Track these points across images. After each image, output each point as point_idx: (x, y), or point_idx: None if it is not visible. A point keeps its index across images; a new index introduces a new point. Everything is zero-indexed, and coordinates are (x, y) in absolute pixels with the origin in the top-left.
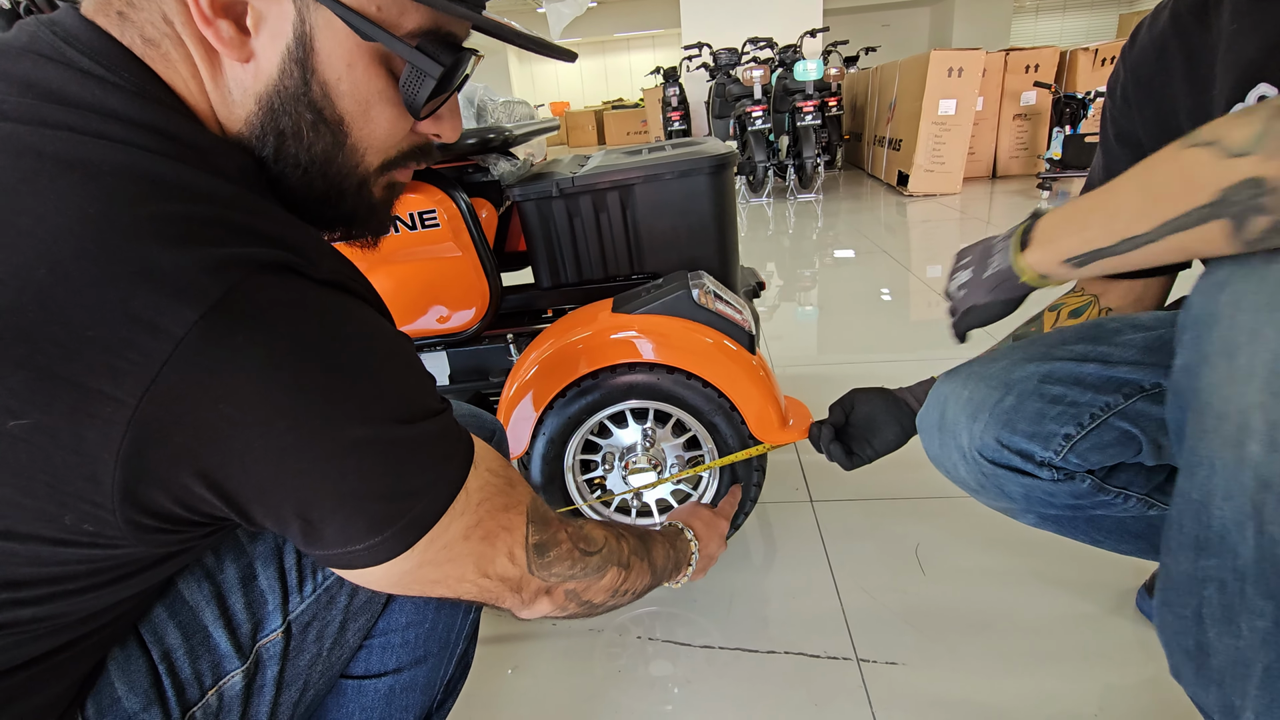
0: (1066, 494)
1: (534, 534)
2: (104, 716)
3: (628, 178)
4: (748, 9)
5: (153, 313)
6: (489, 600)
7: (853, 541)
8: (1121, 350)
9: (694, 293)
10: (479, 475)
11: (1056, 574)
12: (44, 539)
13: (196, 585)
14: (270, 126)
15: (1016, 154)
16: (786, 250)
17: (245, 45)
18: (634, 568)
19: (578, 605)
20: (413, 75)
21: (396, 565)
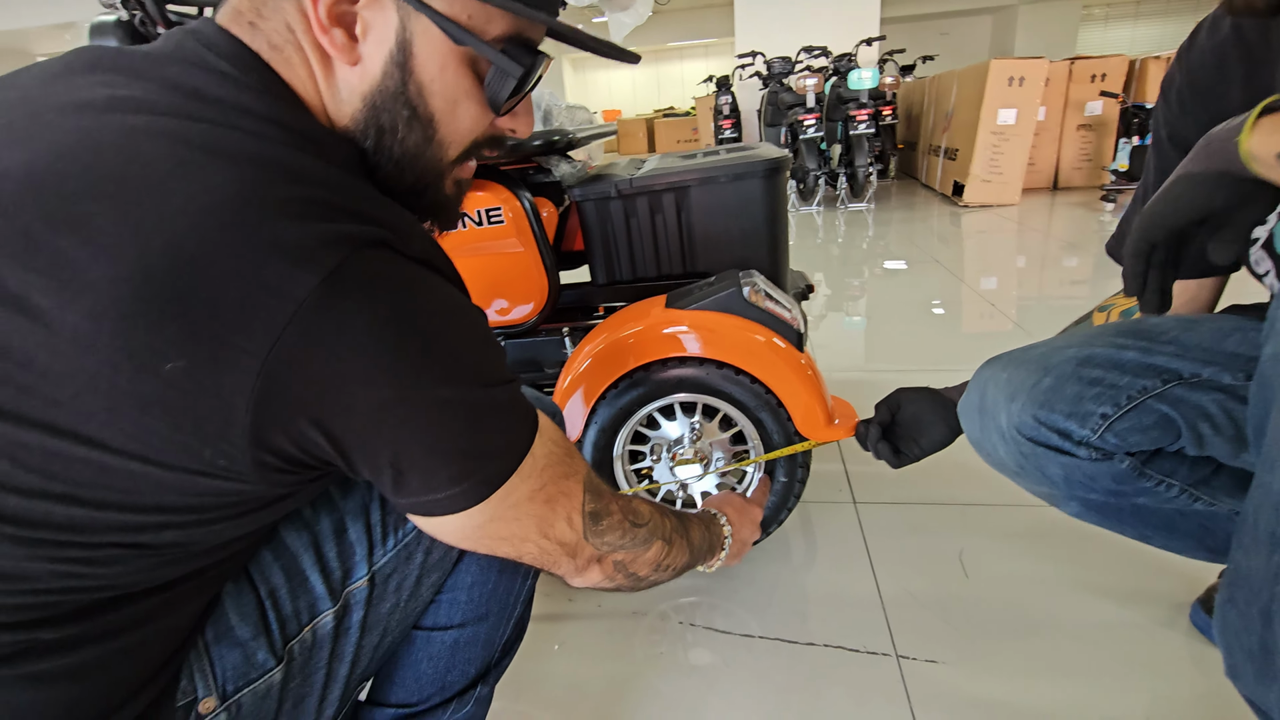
0: (1106, 475)
1: (589, 502)
2: (220, 641)
3: (683, 180)
4: (803, 18)
5: (279, 279)
6: (546, 563)
7: (896, 543)
8: (1162, 343)
9: (745, 290)
10: (543, 443)
11: (1105, 584)
12: (188, 470)
13: (296, 534)
14: (372, 122)
15: (1080, 165)
16: (835, 259)
17: (354, 50)
18: (675, 544)
19: (624, 576)
20: (496, 75)
21: (469, 518)
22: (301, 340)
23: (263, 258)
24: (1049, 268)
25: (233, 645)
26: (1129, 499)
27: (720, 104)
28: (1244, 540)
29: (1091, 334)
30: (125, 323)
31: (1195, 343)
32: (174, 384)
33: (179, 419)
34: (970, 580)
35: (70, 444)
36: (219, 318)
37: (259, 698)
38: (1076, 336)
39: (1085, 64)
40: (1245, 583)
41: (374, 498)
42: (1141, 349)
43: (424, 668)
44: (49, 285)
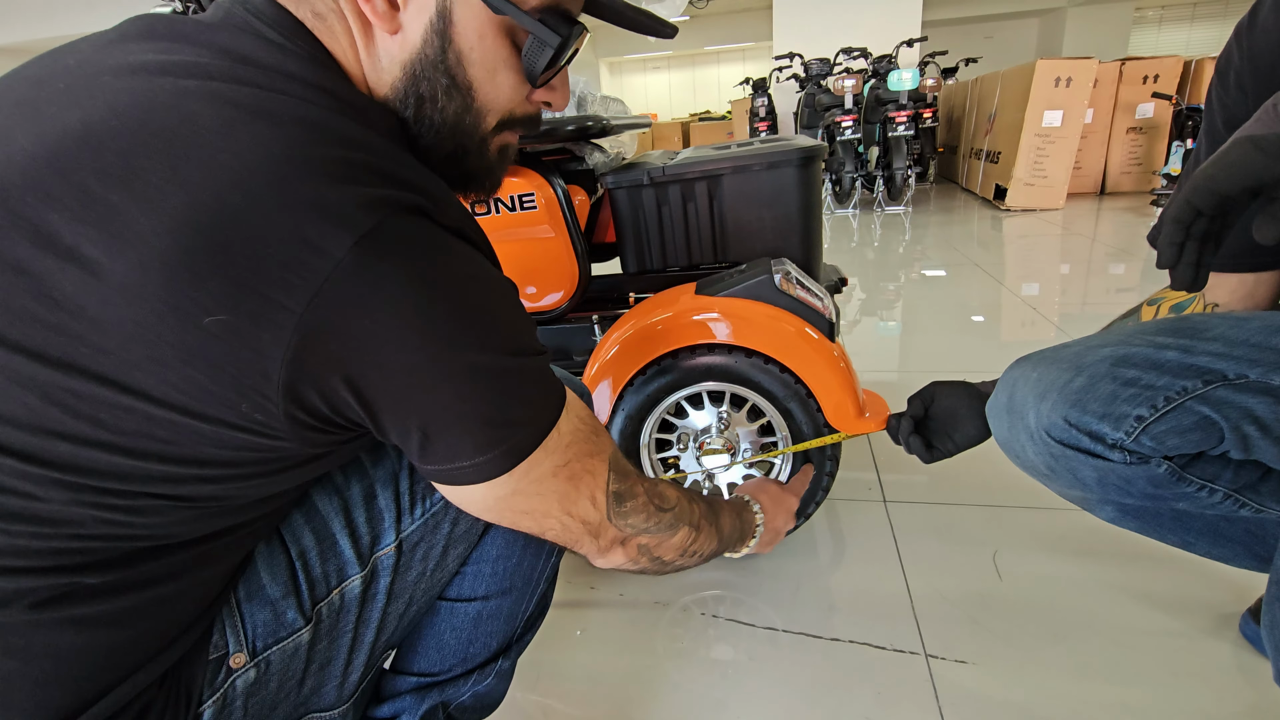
0: (1143, 479)
1: (614, 482)
2: (252, 599)
3: (717, 168)
4: (842, 20)
5: (319, 237)
6: (569, 541)
7: (927, 543)
8: (1206, 342)
9: (776, 278)
10: (570, 419)
11: (1147, 589)
12: (226, 423)
13: (328, 498)
14: (412, 90)
15: (1129, 169)
16: (871, 263)
17: (395, 18)
18: (703, 530)
19: (649, 560)
20: (534, 45)
21: (493, 488)
22: (337, 298)
23: (304, 215)
24: (1094, 274)
25: (264, 604)
26: (1168, 504)
27: (756, 106)
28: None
29: (1130, 332)
30: (170, 274)
31: (1243, 339)
32: (215, 336)
33: (218, 372)
34: (1004, 582)
35: (116, 393)
36: (260, 273)
37: (287, 656)
38: (1113, 335)
39: (1137, 65)
40: None
41: (403, 466)
42: (1183, 348)
43: (447, 638)
44: (99, 236)
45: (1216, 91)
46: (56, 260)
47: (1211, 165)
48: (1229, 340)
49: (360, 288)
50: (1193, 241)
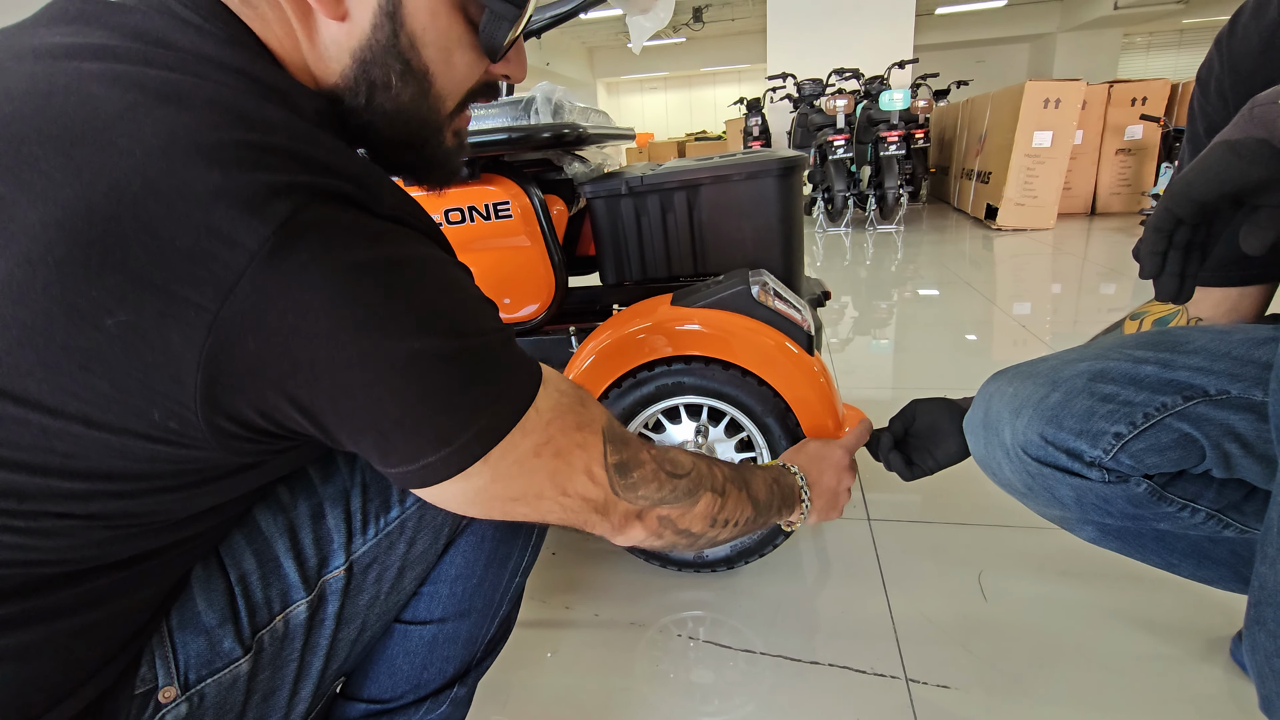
0: (1122, 499)
1: (612, 453)
2: (185, 628)
3: (695, 178)
4: (835, 42)
5: (230, 227)
6: (577, 523)
7: (910, 563)
8: (1187, 356)
9: (753, 289)
10: (548, 394)
11: (1136, 612)
12: (135, 433)
13: (272, 517)
14: (363, 78)
15: (1118, 190)
16: (863, 281)
17: (340, 4)
18: (730, 495)
19: (675, 533)
20: (491, 19)
21: (468, 481)
22: (254, 294)
23: (212, 204)
24: (1085, 294)
25: (198, 632)
26: (1150, 524)
27: (750, 125)
28: (1269, 553)
29: (1108, 345)
30: (62, 270)
31: (1224, 352)
32: (117, 339)
33: (123, 377)
34: (989, 604)
35: (6, 404)
36: (165, 267)
37: (224, 689)
38: (1091, 348)
39: (1125, 87)
40: (1273, 599)
41: (355, 483)
42: (1162, 362)
43: (400, 663)
44: None
45: (1198, 100)
46: None
47: (1189, 171)
48: (1210, 354)
49: (279, 280)
50: (1176, 251)
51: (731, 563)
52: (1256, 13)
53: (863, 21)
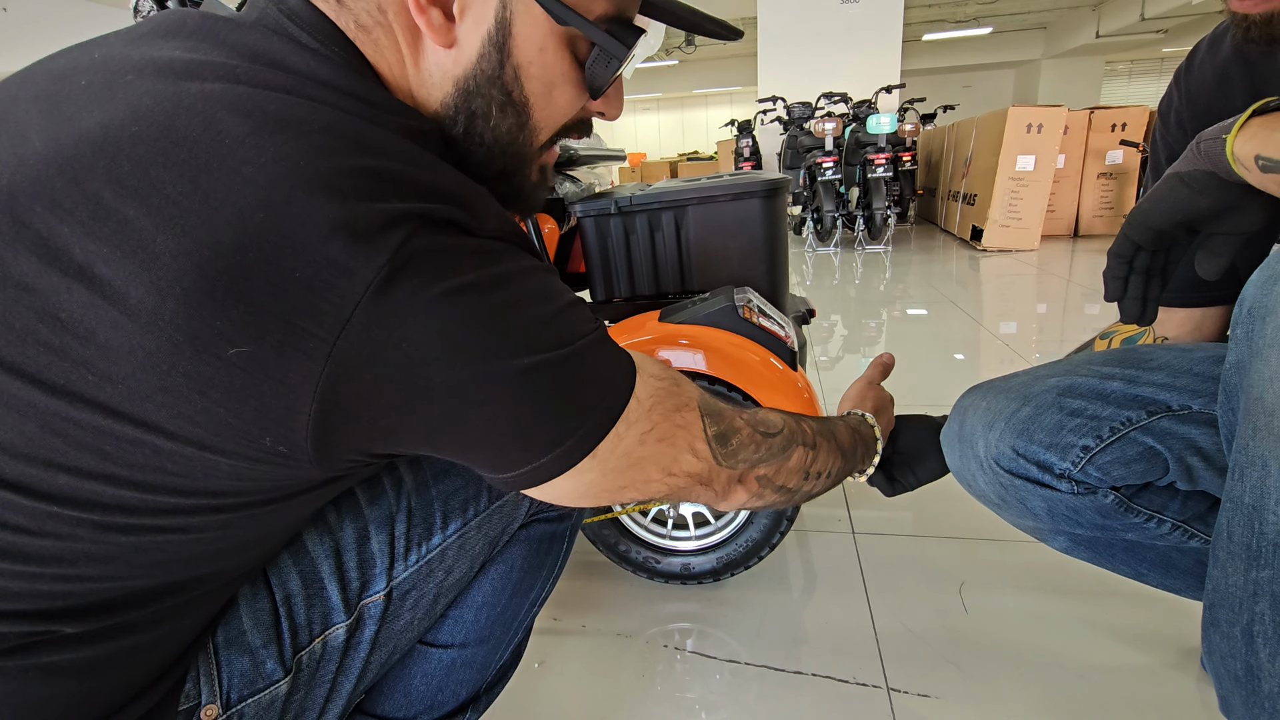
0: (1091, 510)
1: (711, 425)
2: (231, 647)
3: (683, 199)
4: (824, 66)
5: (347, 257)
6: (682, 496)
7: (893, 575)
8: (1151, 372)
9: (738, 306)
10: (645, 383)
11: (1112, 623)
12: (244, 456)
13: (318, 539)
14: (463, 107)
15: (1101, 213)
16: (852, 300)
17: (451, 31)
18: (820, 447)
19: (774, 491)
20: (599, 57)
21: (580, 476)
22: (369, 323)
23: (330, 236)
24: (1070, 314)
25: (243, 652)
26: (1119, 535)
27: (741, 147)
28: (1220, 556)
29: (1077, 362)
30: (190, 301)
31: (1187, 369)
32: (237, 368)
33: (240, 405)
34: (969, 615)
35: (124, 425)
36: (285, 298)
37: (262, 708)
38: (1061, 365)
39: (1105, 113)
40: (1225, 602)
41: (401, 509)
42: (1127, 378)
43: (416, 683)
44: (113, 255)
45: (1160, 131)
46: (64, 278)
47: (1145, 201)
48: (1173, 370)
49: (391, 309)
50: (1137, 275)
51: (718, 575)
52: (1211, 50)
53: (851, 47)
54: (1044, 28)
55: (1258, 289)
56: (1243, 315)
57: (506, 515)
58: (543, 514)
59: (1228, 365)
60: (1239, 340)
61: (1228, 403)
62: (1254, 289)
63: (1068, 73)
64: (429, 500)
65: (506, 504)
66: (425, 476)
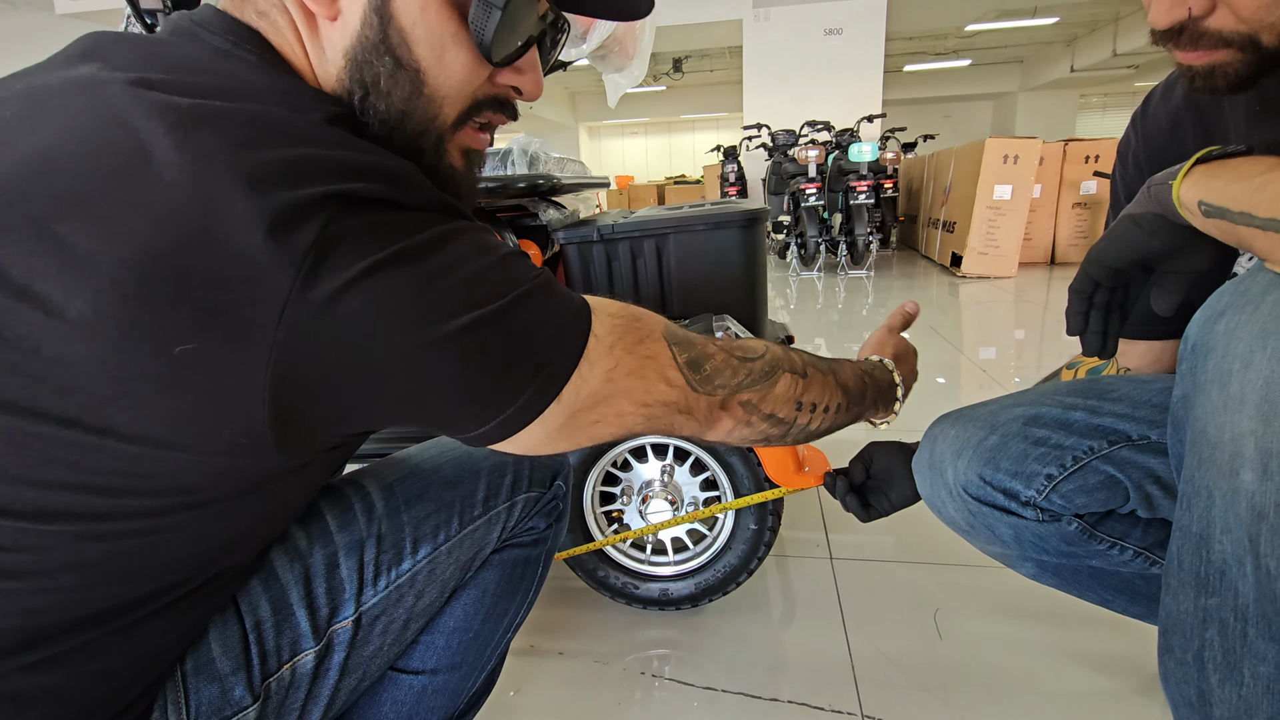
0: (1056, 537)
1: (680, 353)
2: (199, 674)
3: (664, 228)
4: (808, 95)
5: (273, 247)
6: (663, 427)
7: (870, 600)
8: (1112, 403)
9: (717, 333)
10: (603, 320)
11: (1082, 649)
12: (207, 451)
13: (289, 564)
14: (356, 79)
15: (1076, 242)
16: (835, 324)
17: (334, 3)
18: (813, 378)
19: (762, 419)
20: (479, 10)
21: (548, 421)
22: (304, 308)
23: (255, 227)
24: (1047, 340)
25: (211, 679)
26: (1084, 561)
27: (727, 172)
28: (1171, 583)
29: (1042, 392)
30: (131, 305)
31: (1145, 400)
32: (189, 365)
33: (196, 401)
34: (944, 641)
35: (85, 434)
36: (224, 291)
37: None
38: (1027, 394)
39: (1079, 145)
40: (1177, 628)
41: (371, 534)
42: (1089, 409)
43: (386, 710)
44: (51, 270)
45: (1119, 171)
46: (6, 299)
47: (1102, 241)
48: (1132, 401)
49: (324, 292)
50: (1097, 311)
51: (696, 600)
52: (1164, 96)
53: (834, 77)
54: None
55: (1199, 327)
56: (1187, 351)
57: (479, 540)
58: (516, 539)
59: (1175, 399)
60: (1184, 375)
61: (1175, 434)
62: (1196, 327)
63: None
64: (399, 525)
65: (479, 529)
66: (397, 501)
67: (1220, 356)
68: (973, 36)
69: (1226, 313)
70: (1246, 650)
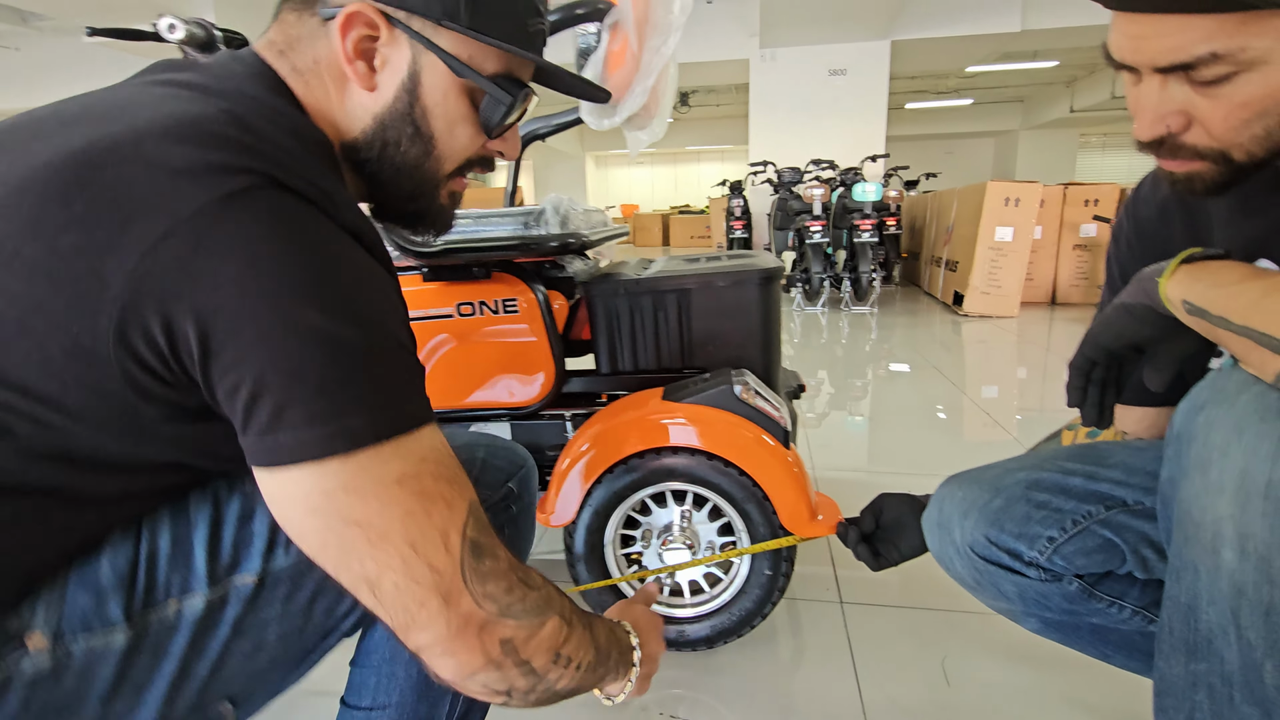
0: (1058, 596)
1: (474, 529)
2: (82, 582)
3: (685, 283)
4: (812, 133)
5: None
6: (412, 599)
7: (880, 645)
8: (1108, 469)
9: (736, 388)
10: (434, 438)
11: (1086, 698)
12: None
13: (202, 506)
14: (379, 136)
15: (1077, 283)
16: (839, 360)
17: (373, 79)
18: (575, 630)
19: (516, 665)
20: (490, 103)
21: (321, 477)
22: (191, 237)
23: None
24: (1049, 380)
25: (90, 590)
26: (1084, 618)
27: (732, 206)
28: (1164, 649)
29: (1043, 457)
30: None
31: (1140, 467)
32: (64, 256)
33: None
34: (952, 688)
35: None
36: (124, 206)
37: (94, 657)
38: (1029, 459)
39: (1079, 189)
40: (1170, 690)
41: None
42: (1087, 474)
43: None
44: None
45: (1113, 250)
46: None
47: (1097, 324)
48: (1127, 468)
49: (217, 233)
50: (1094, 386)
51: (712, 642)
52: (1154, 186)
53: (838, 116)
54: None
55: (1184, 417)
56: (1172, 437)
57: None
58: None
59: (1163, 479)
60: (1170, 459)
61: (1164, 510)
62: (1181, 417)
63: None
64: None
65: None
66: None
67: (1201, 445)
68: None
69: (1207, 406)
70: (1233, 713)
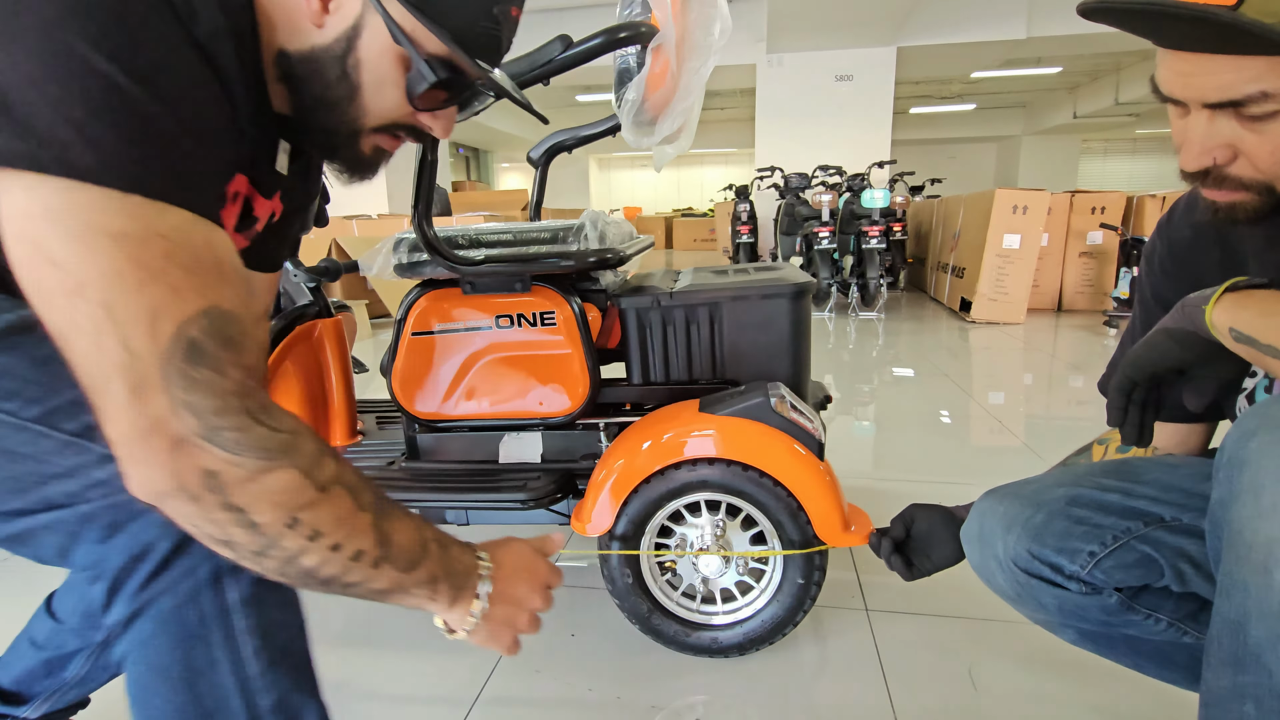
0: (1096, 608)
1: (201, 331)
2: None
3: (717, 296)
4: (819, 140)
5: None
6: (94, 374)
7: (908, 653)
8: (1144, 486)
9: (772, 401)
10: (180, 220)
11: (1114, 708)
12: None
13: None
14: (309, 66)
15: (1083, 290)
16: (846, 365)
17: (322, 17)
18: (334, 499)
19: (224, 509)
20: (415, 75)
21: (25, 194)
22: None
23: None
24: (1055, 387)
25: None
26: (1120, 630)
27: (739, 211)
28: (1211, 661)
29: (1080, 473)
30: None
31: (1174, 484)
32: None
33: None
34: (979, 695)
35: None
36: None
37: None
38: (1067, 475)
39: (1085, 197)
40: (1217, 701)
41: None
42: (1123, 491)
43: None
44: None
45: (1144, 270)
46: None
47: (1141, 347)
48: (1162, 485)
49: None
50: (1134, 407)
51: (744, 649)
52: (1187, 210)
53: (844, 121)
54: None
55: (1234, 443)
56: (1223, 462)
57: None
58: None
59: (1214, 501)
60: (1220, 482)
61: (1214, 531)
62: (1232, 442)
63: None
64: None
65: None
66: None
67: (1255, 471)
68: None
69: (1259, 433)
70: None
